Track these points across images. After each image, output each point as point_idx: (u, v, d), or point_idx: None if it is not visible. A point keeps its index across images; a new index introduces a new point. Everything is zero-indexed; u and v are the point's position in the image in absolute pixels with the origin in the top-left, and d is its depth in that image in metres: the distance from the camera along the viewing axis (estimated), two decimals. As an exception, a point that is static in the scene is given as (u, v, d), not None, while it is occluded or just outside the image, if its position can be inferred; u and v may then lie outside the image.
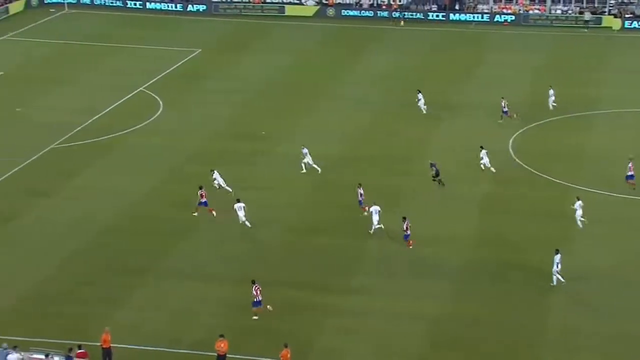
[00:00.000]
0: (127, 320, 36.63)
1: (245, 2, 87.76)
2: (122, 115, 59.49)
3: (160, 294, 38.67)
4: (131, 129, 57.00)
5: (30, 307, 37.64)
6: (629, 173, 47.96)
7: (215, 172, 47.14)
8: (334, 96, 63.51)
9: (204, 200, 44.49)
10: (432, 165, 48.91)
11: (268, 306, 36.58)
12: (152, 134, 56.56)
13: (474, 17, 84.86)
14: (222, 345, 33.50)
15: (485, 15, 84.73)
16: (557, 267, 38.93)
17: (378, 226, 43.13)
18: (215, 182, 46.88)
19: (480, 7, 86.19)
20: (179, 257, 41.70)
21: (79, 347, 33.08)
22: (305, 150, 49.89)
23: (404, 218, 42.32)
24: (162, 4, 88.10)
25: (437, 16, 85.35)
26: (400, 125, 57.73)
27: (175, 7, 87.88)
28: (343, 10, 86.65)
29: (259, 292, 36.58)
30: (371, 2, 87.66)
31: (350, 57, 73.39)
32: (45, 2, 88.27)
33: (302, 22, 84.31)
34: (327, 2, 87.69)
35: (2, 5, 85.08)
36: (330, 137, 55.65)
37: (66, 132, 55.95)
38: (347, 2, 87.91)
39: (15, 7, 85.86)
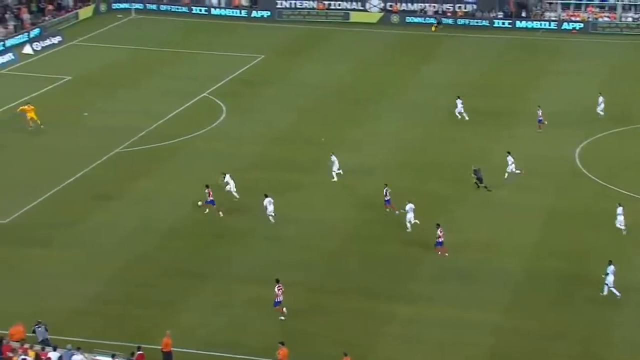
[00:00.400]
0: (187, 324, 37.21)
1: (310, 9, 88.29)
2: (186, 121, 60.42)
3: (220, 298, 39.17)
4: (194, 134, 57.84)
5: (93, 309, 38.48)
6: None
7: (227, 175, 47.90)
8: (396, 104, 63.46)
9: (210, 198, 45.98)
10: (475, 171, 48.74)
11: (284, 309, 37.38)
12: (215, 139, 57.30)
13: (540, 24, 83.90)
14: (282, 353, 33.73)
15: (552, 23, 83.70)
16: (610, 278, 38.34)
17: (413, 222, 43.97)
18: (228, 186, 47.56)
19: (547, 14, 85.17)
20: (239, 262, 42.20)
21: (138, 348, 33.69)
22: (334, 158, 50.39)
23: (438, 225, 42.17)
24: (227, 10, 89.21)
25: (503, 24, 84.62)
26: (463, 133, 57.40)
27: (240, 13, 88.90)
28: (407, 17, 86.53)
29: (280, 292, 37.11)
30: (435, 9, 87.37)
31: (413, 64, 73.27)
32: (113, 8, 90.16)
33: (366, 29, 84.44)
34: (391, 8, 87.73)
35: (72, 10, 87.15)
36: (389, 144, 55.72)
37: (131, 137, 57.03)
38: (412, 9, 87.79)
39: (84, 13, 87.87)
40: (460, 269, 41.30)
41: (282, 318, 37.43)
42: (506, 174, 49.75)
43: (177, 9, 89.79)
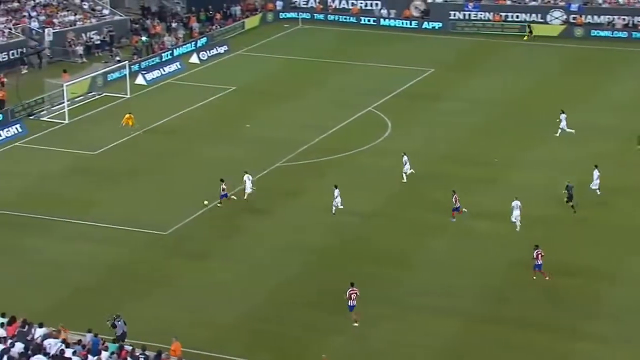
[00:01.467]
0: (343, 348, 37.18)
1: (485, 20, 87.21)
2: (350, 135, 60.85)
3: (378, 324, 38.89)
4: (358, 150, 58.14)
5: (245, 325, 39.05)
6: None
7: (247, 175, 49.98)
8: (571, 123, 61.26)
9: (224, 193, 49.07)
10: (567, 187, 47.32)
11: (355, 318, 37.94)
12: (378, 155, 57.35)
13: None
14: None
15: None
16: None
17: (516, 221, 45.38)
18: (249, 189, 49.20)
19: None
20: (396, 285, 41.81)
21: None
22: (405, 159, 51.51)
23: (536, 246, 41.20)
24: (397, 20, 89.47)
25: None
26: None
27: (410, 24, 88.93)
28: (593, 31, 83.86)
29: (354, 296, 37.36)
30: (626, 22, 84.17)
31: (596, 81, 70.86)
32: (280, 17, 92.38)
33: (546, 43, 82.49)
34: (575, 21, 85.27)
35: (239, 20, 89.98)
36: (561, 165, 54.06)
37: (293, 150, 57.96)
38: (598, 21, 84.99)
39: (250, 23, 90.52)
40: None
41: (356, 325, 37.62)
42: (597, 190, 48.91)
43: (345, 19, 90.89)
